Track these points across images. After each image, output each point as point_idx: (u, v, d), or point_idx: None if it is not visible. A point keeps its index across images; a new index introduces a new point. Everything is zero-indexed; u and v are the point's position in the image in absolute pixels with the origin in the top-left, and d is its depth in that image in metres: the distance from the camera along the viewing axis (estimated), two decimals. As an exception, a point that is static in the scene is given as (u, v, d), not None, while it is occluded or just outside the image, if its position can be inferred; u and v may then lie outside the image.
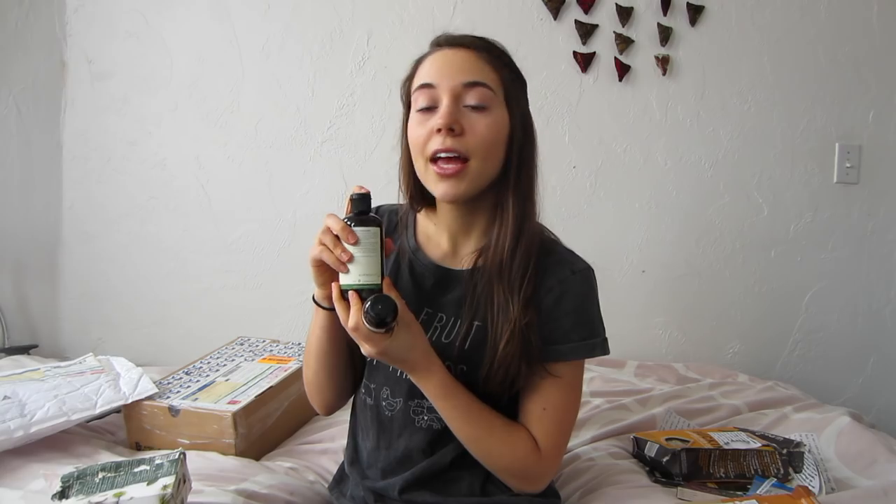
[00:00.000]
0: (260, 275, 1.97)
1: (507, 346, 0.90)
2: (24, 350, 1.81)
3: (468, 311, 0.95)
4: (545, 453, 0.93)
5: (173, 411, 1.22)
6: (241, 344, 1.60)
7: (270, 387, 1.32)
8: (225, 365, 1.45)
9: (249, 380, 1.35)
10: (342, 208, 2.17)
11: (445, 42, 0.94)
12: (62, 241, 1.99)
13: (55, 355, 1.87)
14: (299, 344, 1.59)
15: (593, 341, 0.95)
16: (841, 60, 1.90)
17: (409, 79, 0.96)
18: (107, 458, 1.15)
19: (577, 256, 0.98)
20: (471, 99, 0.89)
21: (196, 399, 1.25)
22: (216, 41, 1.92)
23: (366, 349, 0.85)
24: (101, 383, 1.28)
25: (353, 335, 0.84)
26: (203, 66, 1.93)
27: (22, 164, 1.93)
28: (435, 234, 1.02)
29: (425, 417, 0.96)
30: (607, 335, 0.98)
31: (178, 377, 1.37)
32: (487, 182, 0.93)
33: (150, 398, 1.25)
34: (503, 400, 0.95)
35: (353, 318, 0.83)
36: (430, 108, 0.90)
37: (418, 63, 0.96)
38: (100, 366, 1.40)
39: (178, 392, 1.28)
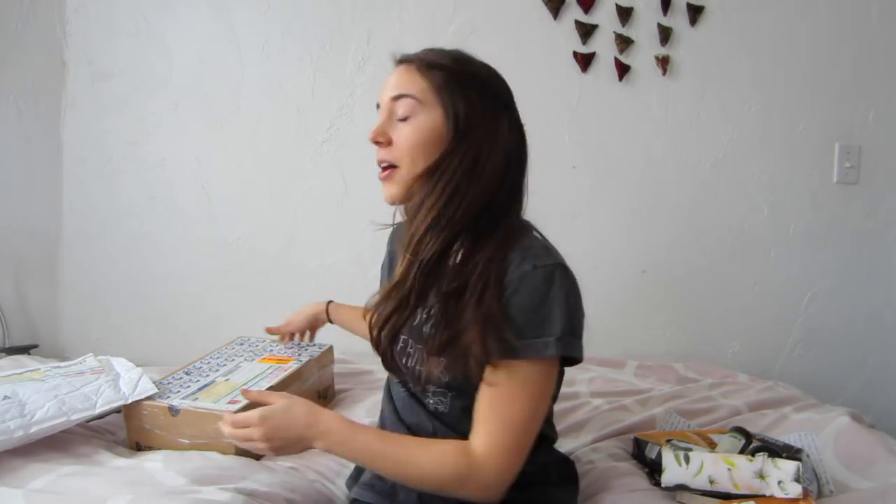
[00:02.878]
0: (260, 275, 1.97)
1: (470, 338, 0.88)
2: (24, 350, 1.81)
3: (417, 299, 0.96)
4: (488, 454, 0.88)
5: (173, 411, 1.22)
6: (241, 344, 1.60)
7: (270, 387, 1.32)
8: (225, 365, 1.44)
9: (249, 380, 1.35)
10: (342, 208, 2.16)
11: (395, 62, 1.01)
12: (62, 241, 1.99)
13: (55, 355, 1.86)
14: (299, 344, 1.59)
15: (546, 339, 0.88)
16: (841, 60, 1.90)
17: None
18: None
19: (550, 253, 0.93)
20: (398, 111, 0.96)
21: (196, 399, 1.25)
22: (216, 41, 1.92)
23: (258, 447, 0.93)
24: (101, 383, 1.28)
25: (244, 445, 0.95)
26: (203, 66, 1.93)
27: (22, 164, 1.93)
28: None
29: (430, 401, 0.99)
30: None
31: (178, 377, 1.36)
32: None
33: (150, 398, 1.25)
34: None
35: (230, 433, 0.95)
36: None
37: None
38: (100, 366, 1.40)
39: (178, 392, 1.28)
